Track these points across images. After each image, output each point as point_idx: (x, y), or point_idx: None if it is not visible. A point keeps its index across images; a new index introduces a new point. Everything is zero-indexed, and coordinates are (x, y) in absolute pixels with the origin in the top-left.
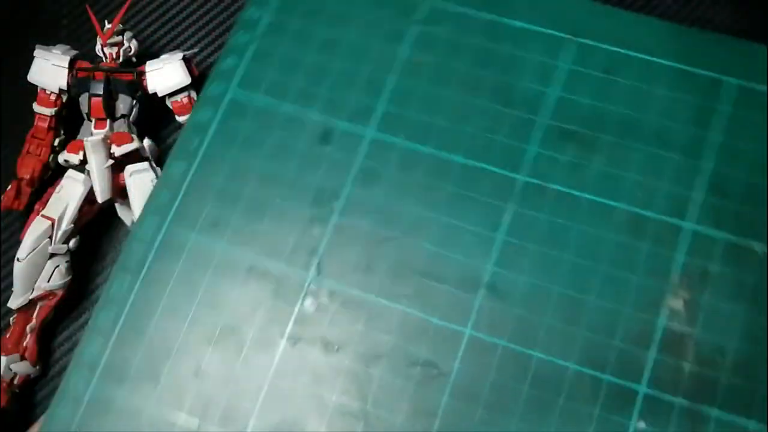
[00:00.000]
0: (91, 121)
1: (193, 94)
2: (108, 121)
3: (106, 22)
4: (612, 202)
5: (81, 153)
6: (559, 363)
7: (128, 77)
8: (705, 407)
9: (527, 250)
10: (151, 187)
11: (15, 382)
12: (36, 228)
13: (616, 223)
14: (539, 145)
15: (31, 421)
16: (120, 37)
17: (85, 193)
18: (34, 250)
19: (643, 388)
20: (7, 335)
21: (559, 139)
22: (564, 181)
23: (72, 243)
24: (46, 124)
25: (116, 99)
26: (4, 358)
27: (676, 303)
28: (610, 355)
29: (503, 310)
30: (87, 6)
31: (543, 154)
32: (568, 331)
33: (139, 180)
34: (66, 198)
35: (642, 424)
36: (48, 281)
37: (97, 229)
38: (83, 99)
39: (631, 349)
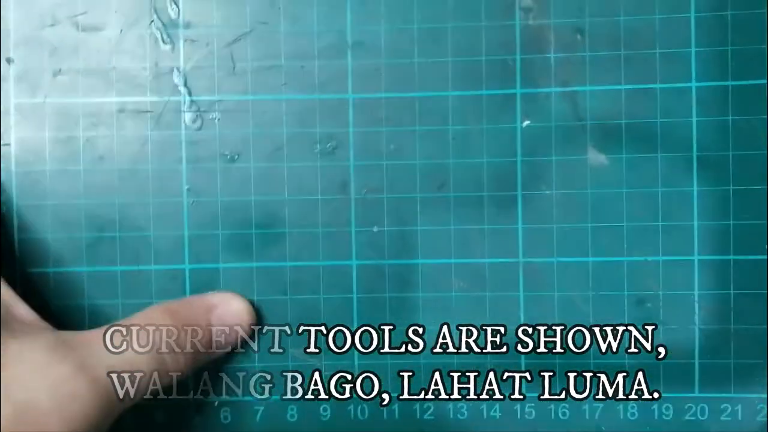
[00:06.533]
0: None
1: None
2: None
3: None
4: None
5: None
6: (440, 95)
7: None
8: (577, 86)
9: None
10: None
11: None
12: None
13: None
14: None
15: None
16: None
17: None
18: None
19: (519, 90)
20: None
21: None
22: None
23: None
24: None
25: None
26: None
27: (526, 1)
28: (482, 71)
29: (375, 63)
30: None
31: None
32: (438, 63)
33: None
34: None
35: (527, 122)
36: None
37: None
38: None
39: (499, 59)
